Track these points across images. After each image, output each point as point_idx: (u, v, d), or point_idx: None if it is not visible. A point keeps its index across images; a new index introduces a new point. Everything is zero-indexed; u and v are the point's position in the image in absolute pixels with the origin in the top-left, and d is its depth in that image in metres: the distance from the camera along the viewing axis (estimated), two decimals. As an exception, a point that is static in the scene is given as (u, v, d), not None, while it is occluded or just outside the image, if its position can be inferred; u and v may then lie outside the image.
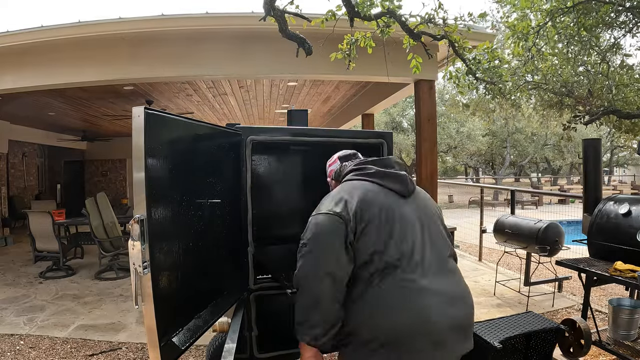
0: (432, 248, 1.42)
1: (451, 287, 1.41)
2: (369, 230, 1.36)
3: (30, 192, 11.48)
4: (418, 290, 1.32)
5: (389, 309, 1.30)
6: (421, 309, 1.30)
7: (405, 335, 1.28)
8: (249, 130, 2.09)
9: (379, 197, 1.43)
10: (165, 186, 1.43)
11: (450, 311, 1.34)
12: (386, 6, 2.86)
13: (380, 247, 1.35)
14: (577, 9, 3.96)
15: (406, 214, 1.43)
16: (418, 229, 1.42)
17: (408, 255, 1.36)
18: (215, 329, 1.97)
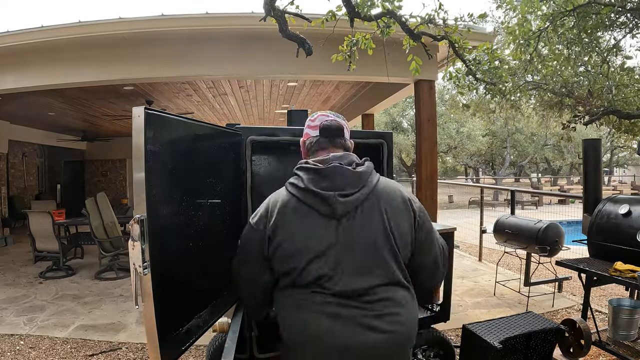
0: (349, 278, 1.30)
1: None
2: (282, 249, 1.34)
3: (30, 192, 11.48)
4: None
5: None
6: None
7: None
8: (249, 130, 2.09)
9: (297, 219, 1.34)
10: (165, 186, 1.43)
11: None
12: (386, 7, 2.86)
13: (290, 267, 1.33)
14: (577, 12, 3.96)
15: (321, 240, 1.31)
16: (331, 258, 1.30)
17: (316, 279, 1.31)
18: (215, 329, 1.97)
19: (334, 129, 1.47)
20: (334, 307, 1.28)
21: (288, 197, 1.37)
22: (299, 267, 1.31)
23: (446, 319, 2.74)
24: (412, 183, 9.01)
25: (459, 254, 7.20)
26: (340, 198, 1.31)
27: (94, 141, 11.37)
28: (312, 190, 1.32)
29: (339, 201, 1.31)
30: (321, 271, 1.29)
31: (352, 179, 1.35)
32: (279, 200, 1.38)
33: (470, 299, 4.73)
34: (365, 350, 1.26)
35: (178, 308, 1.48)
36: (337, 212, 1.31)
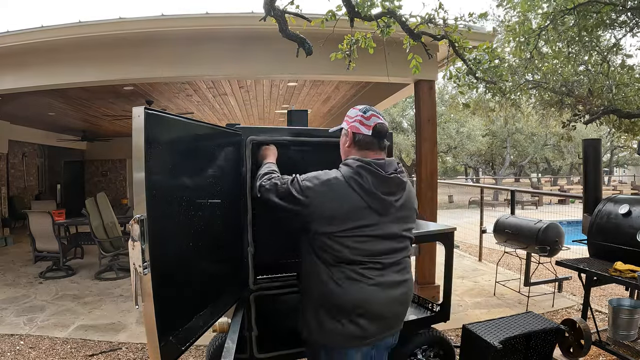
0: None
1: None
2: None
3: (30, 192, 11.47)
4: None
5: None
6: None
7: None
8: (249, 130, 2.09)
9: (356, 214, 1.58)
10: (165, 186, 1.43)
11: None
12: (386, 6, 2.86)
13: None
14: (577, 10, 3.96)
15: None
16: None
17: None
18: (215, 329, 1.97)
19: (384, 133, 1.69)
20: (380, 277, 1.62)
21: (347, 188, 1.57)
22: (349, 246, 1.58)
23: (446, 319, 2.74)
24: (412, 183, 9.00)
25: (459, 254, 7.20)
26: (395, 203, 1.64)
27: (94, 141, 11.37)
28: (376, 194, 1.59)
29: (394, 205, 1.63)
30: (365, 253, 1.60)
31: (400, 185, 1.67)
32: (337, 187, 1.58)
33: (470, 299, 4.73)
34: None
35: (178, 308, 1.48)
36: (387, 212, 1.62)
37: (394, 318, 1.68)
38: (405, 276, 1.72)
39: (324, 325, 1.60)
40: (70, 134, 11.55)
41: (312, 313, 1.65)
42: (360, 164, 1.59)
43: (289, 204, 1.61)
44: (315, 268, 1.63)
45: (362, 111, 1.69)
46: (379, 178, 1.59)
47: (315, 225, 1.59)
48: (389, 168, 1.63)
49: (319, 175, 1.62)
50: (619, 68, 5.09)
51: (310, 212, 1.58)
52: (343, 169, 1.62)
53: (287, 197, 1.61)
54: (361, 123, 1.67)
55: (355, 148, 1.67)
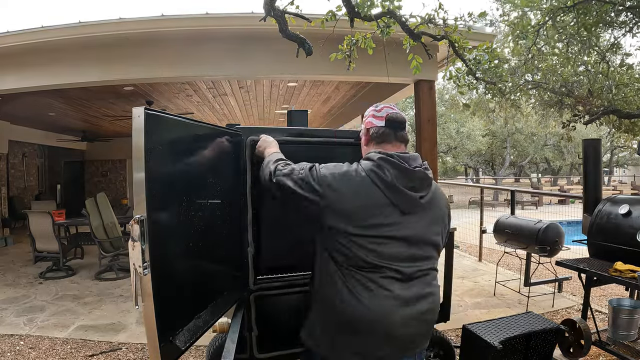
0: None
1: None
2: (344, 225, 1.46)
3: (30, 193, 11.47)
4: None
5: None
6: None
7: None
8: (249, 130, 2.09)
9: (376, 211, 1.45)
10: (165, 186, 1.43)
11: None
12: (386, 6, 2.86)
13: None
14: (577, 8, 3.96)
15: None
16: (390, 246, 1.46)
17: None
18: (215, 329, 1.97)
19: (399, 121, 1.58)
20: (402, 289, 1.46)
21: (367, 181, 1.46)
22: (365, 247, 1.44)
23: (446, 319, 2.74)
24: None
25: (459, 254, 7.20)
26: (420, 200, 1.49)
27: (94, 141, 11.37)
28: (399, 188, 1.45)
29: (419, 203, 1.49)
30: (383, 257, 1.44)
31: (427, 181, 1.53)
32: (356, 180, 1.46)
33: (470, 299, 4.73)
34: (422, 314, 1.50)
35: (178, 308, 1.48)
36: (411, 209, 1.48)
37: (415, 338, 1.49)
38: (430, 289, 1.53)
39: (333, 338, 1.48)
40: (70, 134, 11.55)
41: (321, 324, 1.53)
42: (382, 156, 1.48)
43: (304, 192, 1.48)
44: (328, 272, 1.51)
45: (374, 106, 1.63)
46: (402, 171, 1.47)
47: (329, 220, 1.46)
48: (414, 162, 1.51)
49: (338, 166, 1.51)
50: (618, 68, 5.09)
51: (326, 204, 1.45)
52: (364, 163, 1.51)
53: (304, 184, 1.49)
54: (374, 117, 1.60)
55: (373, 143, 1.59)
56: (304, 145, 2.24)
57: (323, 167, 1.51)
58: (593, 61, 5.32)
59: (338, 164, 1.52)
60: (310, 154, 1.88)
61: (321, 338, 1.52)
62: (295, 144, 2.19)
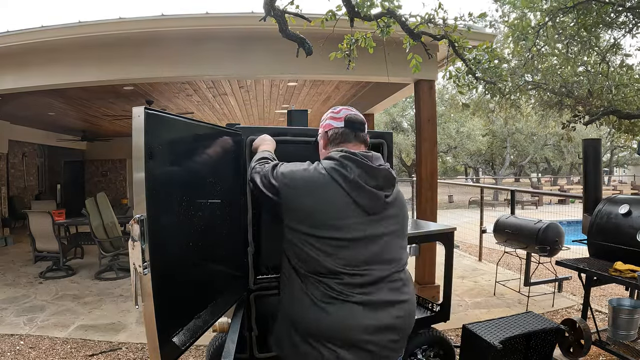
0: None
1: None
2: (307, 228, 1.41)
3: (30, 192, 11.47)
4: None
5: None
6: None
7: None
8: (249, 130, 2.09)
9: (337, 212, 1.39)
10: (165, 186, 1.43)
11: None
12: (386, 6, 2.86)
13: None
14: (577, 8, 3.96)
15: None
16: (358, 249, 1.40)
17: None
18: (215, 329, 1.97)
19: (358, 122, 1.55)
20: (363, 295, 1.38)
21: (328, 180, 1.40)
22: (328, 252, 1.38)
23: (446, 319, 2.74)
24: (412, 183, 9.01)
25: (459, 253, 7.21)
26: (386, 199, 1.45)
27: (94, 141, 11.37)
28: (363, 186, 1.40)
29: (384, 201, 1.44)
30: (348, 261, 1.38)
31: (391, 180, 1.48)
32: (322, 184, 1.41)
33: (470, 299, 4.73)
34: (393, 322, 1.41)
35: (178, 308, 1.48)
36: (377, 209, 1.42)
37: (383, 348, 1.38)
38: (402, 296, 1.43)
39: (298, 347, 1.40)
40: (70, 134, 11.55)
41: (285, 330, 1.48)
42: (344, 154, 1.43)
43: (265, 189, 1.47)
44: (290, 279, 1.46)
45: (332, 109, 1.61)
46: (367, 169, 1.41)
47: (287, 219, 1.42)
48: (377, 161, 1.46)
49: (298, 164, 1.48)
50: (618, 68, 5.09)
51: (283, 202, 1.41)
52: (324, 162, 1.46)
53: (266, 181, 1.48)
54: (332, 119, 1.57)
55: (332, 146, 1.54)
56: (304, 145, 2.24)
57: (283, 165, 1.50)
58: (593, 62, 5.32)
59: (299, 162, 1.50)
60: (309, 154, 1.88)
61: (287, 346, 1.46)
62: (295, 143, 2.19)
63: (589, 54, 5.06)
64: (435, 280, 4.71)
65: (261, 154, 1.71)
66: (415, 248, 3.39)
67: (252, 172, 1.59)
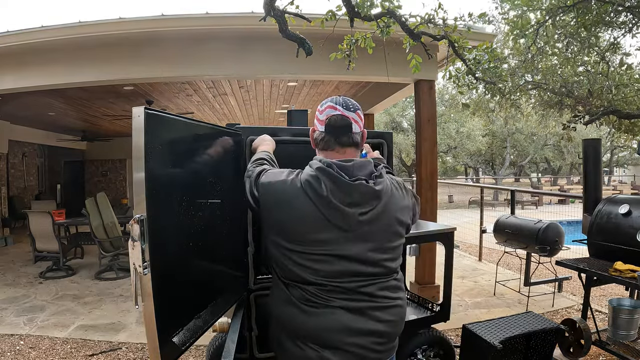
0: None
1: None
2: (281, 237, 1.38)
3: (30, 192, 11.47)
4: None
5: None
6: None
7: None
8: (249, 130, 2.09)
9: (311, 227, 1.33)
10: (165, 186, 1.43)
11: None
12: (386, 6, 2.86)
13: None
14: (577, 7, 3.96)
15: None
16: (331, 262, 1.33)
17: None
18: (215, 329, 1.97)
19: (339, 127, 1.39)
20: (346, 300, 1.34)
21: (301, 194, 1.33)
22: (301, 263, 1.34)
23: (446, 319, 2.74)
24: (412, 183, 9.01)
25: (459, 253, 7.21)
26: (360, 217, 1.32)
27: (94, 141, 11.37)
28: (334, 204, 1.30)
29: (358, 220, 1.32)
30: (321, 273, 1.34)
31: (372, 196, 1.34)
32: (289, 191, 1.35)
33: (470, 299, 4.73)
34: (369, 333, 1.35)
35: (178, 308, 1.48)
36: (350, 227, 1.33)
37: (369, 350, 1.34)
38: (389, 302, 1.38)
39: (284, 345, 1.40)
40: (70, 134, 11.55)
41: (275, 331, 1.46)
42: (320, 166, 1.33)
43: (249, 197, 1.45)
44: (275, 283, 1.45)
45: (321, 103, 1.44)
46: (339, 184, 1.31)
47: (266, 230, 1.39)
48: (358, 172, 1.34)
49: (278, 174, 1.42)
50: (618, 68, 5.09)
51: (262, 212, 1.39)
52: (304, 171, 1.38)
53: (250, 188, 1.45)
54: (317, 119, 1.43)
55: (318, 149, 1.46)
56: (304, 145, 2.24)
57: (265, 175, 1.43)
58: (593, 61, 5.32)
59: (280, 171, 1.44)
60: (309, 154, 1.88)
61: (276, 344, 1.46)
62: (295, 143, 2.19)
63: (588, 53, 5.06)
64: (435, 280, 4.71)
65: (258, 155, 1.69)
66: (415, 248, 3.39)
67: (245, 175, 1.56)
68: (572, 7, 3.93)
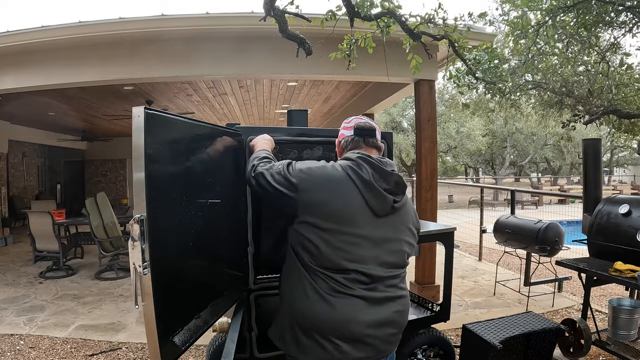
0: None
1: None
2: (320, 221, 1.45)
3: (30, 192, 11.47)
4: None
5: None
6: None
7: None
8: (249, 130, 2.09)
9: (350, 209, 1.45)
10: (165, 186, 1.43)
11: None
12: (386, 6, 2.86)
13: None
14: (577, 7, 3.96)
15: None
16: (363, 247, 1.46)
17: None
18: (215, 329, 1.97)
19: (367, 129, 1.61)
20: (367, 290, 1.45)
21: (344, 177, 1.46)
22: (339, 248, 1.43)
23: (446, 319, 2.74)
24: (412, 183, 9.02)
25: (459, 253, 7.21)
26: (395, 203, 1.50)
27: (94, 141, 11.36)
28: (376, 188, 1.46)
29: (392, 205, 1.49)
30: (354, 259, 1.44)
31: (402, 187, 1.53)
32: (332, 174, 1.47)
33: (470, 299, 4.73)
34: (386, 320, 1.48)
35: (178, 308, 1.48)
36: (384, 212, 1.48)
37: (383, 341, 1.46)
38: (399, 292, 1.53)
39: (300, 341, 1.45)
40: (70, 134, 11.55)
41: (288, 324, 1.51)
42: (360, 155, 1.51)
43: (281, 186, 1.48)
44: (295, 271, 1.49)
45: (345, 121, 1.68)
46: (380, 172, 1.48)
47: (302, 214, 1.44)
48: (389, 166, 1.53)
49: (314, 162, 1.54)
50: (618, 68, 5.09)
51: (301, 197, 1.44)
52: (341, 161, 1.53)
53: (281, 178, 1.49)
54: (344, 128, 1.66)
55: (345, 152, 1.61)
56: (304, 145, 2.24)
57: (299, 163, 1.54)
58: (593, 61, 5.31)
59: (314, 161, 1.56)
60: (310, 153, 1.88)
61: (289, 340, 1.49)
62: (295, 143, 2.19)
63: (588, 53, 5.06)
64: (435, 280, 4.72)
65: (261, 153, 1.72)
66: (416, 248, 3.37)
67: (254, 170, 1.59)
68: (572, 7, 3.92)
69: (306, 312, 1.44)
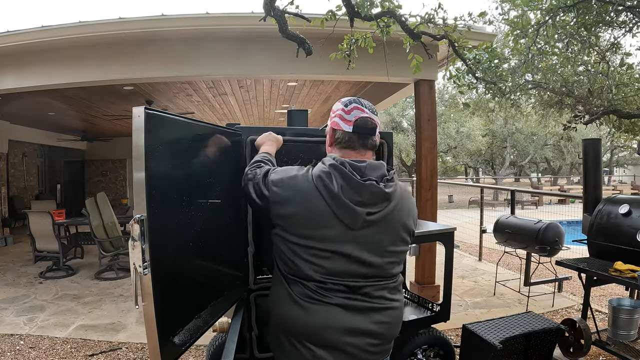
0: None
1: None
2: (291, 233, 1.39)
3: (30, 192, 11.47)
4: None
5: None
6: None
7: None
8: (249, 130, 2.09)
9: (318, 222, 1.35)
10: (165, 186, 1.43)
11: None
12: (386, 6, 2.86)
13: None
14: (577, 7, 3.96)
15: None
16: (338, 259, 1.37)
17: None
18: (215, 329, 1.97)
19: (368, 128, 1.45)
20: (345, 299, 1.37)
21: (312, 189, 1.36)
22: (310, 260, 1.36)
23: (446, 319, 2.74)
24: (412, 183, 9.01)
25: (459, 253, 7.21)
26: (367, 216, 1.36)
27: (94, 141, 11.36)
28: (344, 202, 1.33)
29: (365, 219, 1.35)
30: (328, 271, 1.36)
31: (382, 198, 1.37)
32: (301, 186, 1.38)
33: (470, 299, 4.73)
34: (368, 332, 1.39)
35: (178, 308, 1.48)
36: (357, 226, 1.35)
37: (362, 351, 1.36)
38: (387, 303, 1.41)
39: (282, 344, 1.42)
40: (70, 134, 11.55)
41: (273, 327, 1.48)
42: (333, 163, 1.37)
43: (257, 197, 1.45)
44: (277, 278, 1.46)
45: (344, 104, 1.47)
46: (350, 183, 1.33)
47: (275, 225, 1.41)
48: (370, 173, 1.37)
49: (288, 170, 1.45)
50: (618, 68, 5.09)
51: (272, 208, 1.39)
52: (316, 167, 1.41)
53: (258, 190, 1.45)
54: (341, 118, 1.45)
55: (336, 147, 1.47)
56: (304, 145, 2.24)
57: (274, 172, 1.46)
58: (593, 61, 5.31)
59: (289, 168, 1.47)
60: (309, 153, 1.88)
61: (274, 342, 1.47)
62: (295, 143, 2.19)
63: (588, 53, 5.06)
64: (435, 280, 4.71)
65: (257, 157, 1.69)
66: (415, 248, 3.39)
67: (244, 178, 1.55)
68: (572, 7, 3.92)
69: (284, 316, 1.41)
